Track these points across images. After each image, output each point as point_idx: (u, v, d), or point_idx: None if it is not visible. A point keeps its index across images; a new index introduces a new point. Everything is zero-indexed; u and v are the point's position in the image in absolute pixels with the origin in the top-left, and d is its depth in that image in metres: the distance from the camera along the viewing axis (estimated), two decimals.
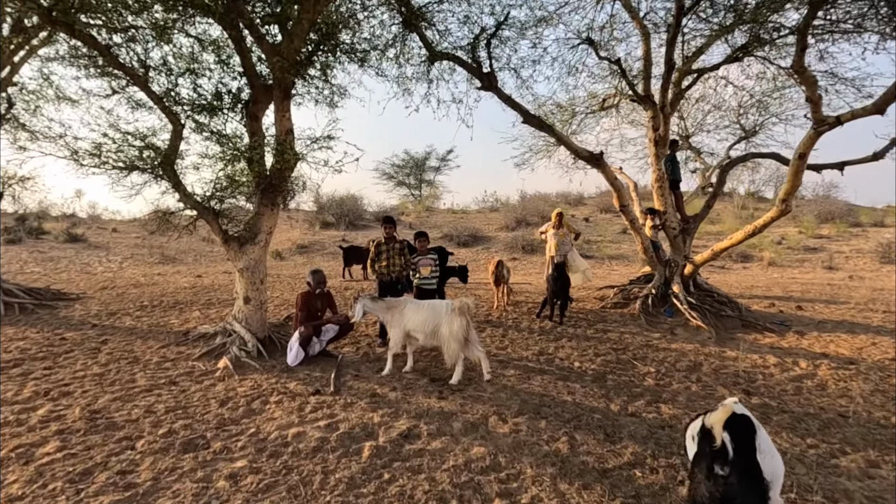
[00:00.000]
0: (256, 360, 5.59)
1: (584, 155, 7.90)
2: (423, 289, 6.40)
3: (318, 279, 5.71)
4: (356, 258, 12.28)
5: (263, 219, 6.16)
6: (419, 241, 6.45)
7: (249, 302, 6.10)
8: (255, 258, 6.10)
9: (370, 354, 6.00)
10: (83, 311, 8.22)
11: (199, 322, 7.38)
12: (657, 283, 8.55)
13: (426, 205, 26.38)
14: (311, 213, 22.93)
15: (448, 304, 5.14)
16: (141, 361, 5.52)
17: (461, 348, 5.05)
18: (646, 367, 5.75)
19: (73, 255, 16.25)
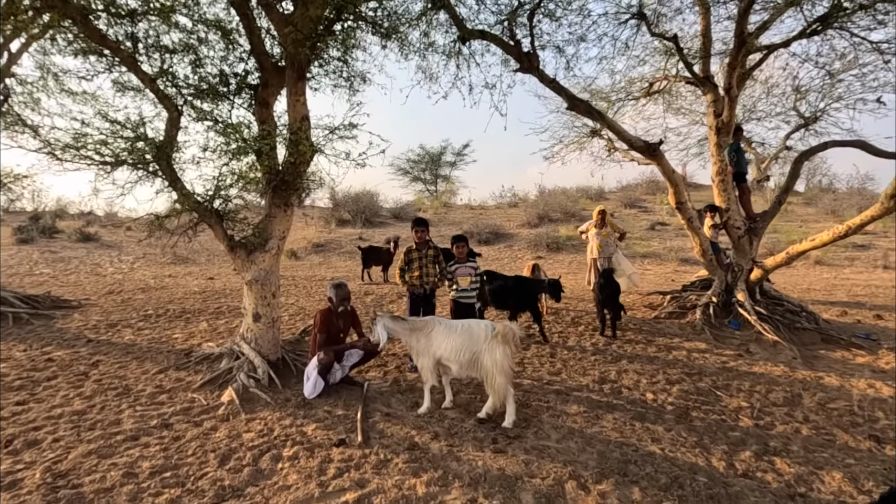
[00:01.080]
0: (267, 391, 4.62)
1: (639, 145, 6.79)
2: (462, 303, 5.37)
3: (342, 295, 4.71)
4: (376, 259, 11.30)
5: (275, 222, 5.17)
6: (457, 247, 5.42)
7: (259, 319, 5.12)
8: (265, 268, 5.12)
9: (401, 382, 5.00)
10: (81, 321, 7.34)
11: (205, 337, 6.43)
12: (717, 290, 7.43)
13: (443, 201, 25.34)
14: (326, 209, 22.02)
15: (488, 325, 4.09)
16: (132, 392, 4.58)
17: (510, 382, 4.02)
18: (733, 398, 4.67)
19: (85, 255, 15.51)
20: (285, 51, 4.88)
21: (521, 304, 6.51)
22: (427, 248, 5.34)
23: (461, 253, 5.40)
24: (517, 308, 6.55)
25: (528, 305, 6.50)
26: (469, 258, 5.47)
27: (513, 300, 6.49)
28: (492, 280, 6.57)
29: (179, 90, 4.82)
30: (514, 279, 6.70)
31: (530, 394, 4.65)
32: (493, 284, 6.53)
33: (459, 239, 5.45)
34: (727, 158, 7.30)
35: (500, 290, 6.51)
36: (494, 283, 6.55)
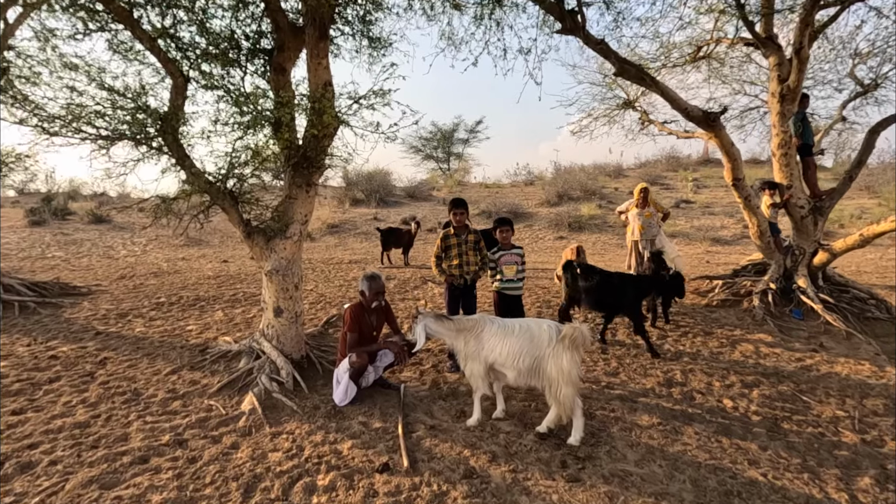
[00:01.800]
0: (293, 396, 4.04)
1: (696, 114, 5.99)
2: (507, 296, 4.71)
3: (376, 289, 4.06)
4: (396, 241, 10.65)
5: (297, 204, 4.52)
6: (501, 231, 4.73)
7: (281, 314, 4.51)
8: (287, 257, 4.49)
9: (441, 384, 4.39)
10: (91, 311, 6.81)
11: (221, 329, 5.86)
12: (775, 276, 6.70)
13: (457, 179, 24.52)
14: (339, 189, 21.34)
15: (552, 326, 3.43)
16: (142, 399, 4.02)
17: (578, 392, 3.38)
18: (823, 405, 4.02)
19: (97, 237, 15.05)
20: (305, 4, 4.14)
21: (623, 306, 5.31)
22: (467, 233, 4.67)
23: (505, 238, 4.72)
24: (616, 310, 5.43)
25: (630, 307, 5.25)
26: (515, 245, 4.79)
27: (614, 300, 5.31)
28: (589, 275, 5.39)
29: (185, 53, 4.12)
30: (618, 276, 5.55)
31: (590, 400, 4.03)
32: (590, 280, 5.36)
33: (503, 222, 4.76)
34: (792, 129, 6.48)
35: (601, 287, 5.31)
36: (592, 279, 5.36)
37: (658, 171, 23.72)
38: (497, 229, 4.76)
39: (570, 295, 5.51)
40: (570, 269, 5.51)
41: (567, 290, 5.49)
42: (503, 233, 4.72)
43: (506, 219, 4.79)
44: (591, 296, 5.35)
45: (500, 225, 4.74)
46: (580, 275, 5.39)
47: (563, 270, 5.60)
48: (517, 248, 4.76)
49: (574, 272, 5.44)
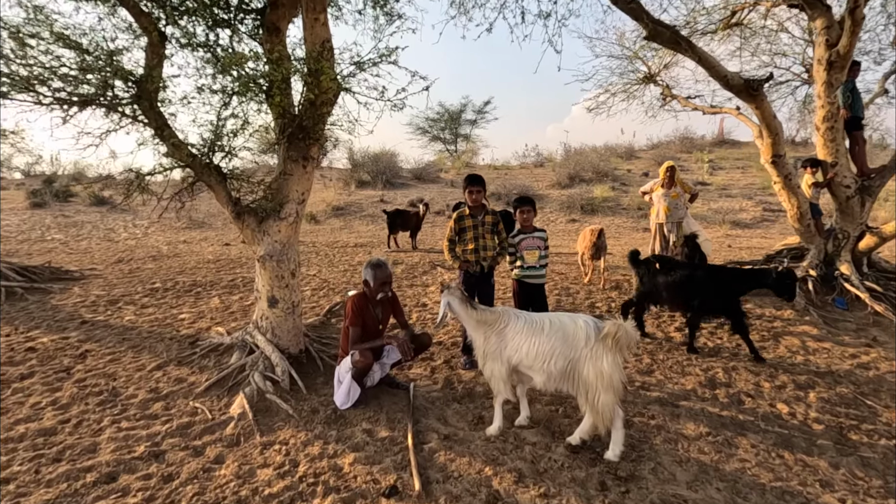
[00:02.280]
0: (288, 397, 3.55)
1: (737, 83, 5.34)
2: (529, 284, 4.17)
3: (382, 278, 3.53)
4: (403, 223, 10.11)
5: (292, 181, 3.97)
6: (521, 211, 4.17)
7: (276, 304, 4.01)
8: (281, 240, 3.96)
9: (454, 383, 3.89)
10: (80, 297, 6.36)
11: (215, 319, 5.38)
12: (815, 262, 6.11)
13: (465, 161, 23.81)
14: (345, 171, 20.75)
15: (590, 323, 2.88)
16: (120, 399, 3.55)
17: (618, 400, 2.86)
18: (892, 410, 3.48)
19: (98, 219, 14.62)
20: None
21: (715, 305, 4.43)
22: (484, 214, 4.12)
23: (527, 220, 4.17)
24: (705, 311, 4.51)
25: (726, 307, 4.38)
26: (537, 228, 4.24)
27: (702, 299, 4.42)
28: (667, 269, 4.64)
29: (161, 4, 3.53)
30: (705, 269, 4.74)
31: (625, 403, 3.51)
32: (669, 275, 4.56)
33: (524, 201, 4.20)
34: (840, 100, 5.82)
35: (685, 283, 4.47)
36: (672, 274, 4.56)
37: (671, 153, 22.88)
38: (517, 210, 4.20)
39: (644, 292, 4.78)
40: (644, 265, 4.83)
41: (640, 287, 4.83)
42: (524, 213, 4.16)
43: (527, 198, 4.22)
44: (673, 294, 4.55)
45: (521, 205, 4.18)
46: (658, 269, 4.68)
47: (634, 264, 4.91)
48: (540, 231, 4.21)
49: (650, 267, 4.76)
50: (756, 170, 19.17)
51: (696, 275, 4.55)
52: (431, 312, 5.65)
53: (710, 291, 4.41)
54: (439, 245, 10.81)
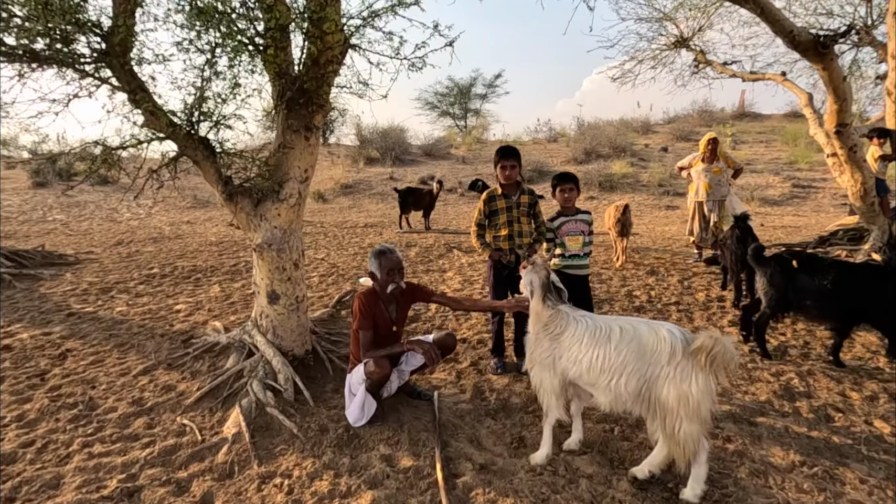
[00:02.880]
0: (293, 411, 2.99)
1: (804, 38, 4.57)
2: (570, 276, 3.53)
3: (388, 265, 2.89)
4: (415, 202, 9.45)
5: (293, 155, 3.33)
6: (562, 190, 3.51)
7: (278, 301, 3.41)
8: (282, 226, 3.34)
9: (485, 392, 3.30)
10: (72, 284, 5.83)
11: (213, 311, 4.82)
12: (878, 245, 5.41)
13: (475, 136, 22.91)
14: (352, 147, 20.00)
15: (674, 332, 2.19)
16: (97, 414, 3.00)
17: (706, 431, 2.24)
18: None
19: (102, 199, 14.09)
20: None
21: (872, 315, 3.46)
22: (519, 193, 3.46)
23: (569, 200, 3.51)
24: (856, 320, 3.53)
25: (886, 318, 3.41)
26: (581, 210, 3.58)
27: (856, 308, 3.44)
28: (812, 268, 3.56)
29: None
30: (864, 268, 3.68)
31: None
32: (818, 277, 3.50)
33: (565, 178, 3.52)
34: None
35: (837, 289, 3.41)
36: (822, 275, 3.48)
37: (690, 127, 21.80)
38: (557, 188, 3.53)
39: (778, 299, 3.63)
40: (776, 263, 3.68)
41: (774, 293, 3.65)
42: (565, 192, 3.49)
43: (569, 174, 3.55)
44: (826, 300, 3.47)
45: (562, 182, 3.51)
46: (795, 269, 3.61)
47: (760, 263, 3.76)
48: (584, 214, 3.56)
49: (784, 266, 3.65)
50: (781, 143, 18.16)
51: (858, 275, 3.48)
52: None
53: (870, 298, 3.37)
54: (453, 225, 10.16)
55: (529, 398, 3.15)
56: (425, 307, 4.82)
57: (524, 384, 3.33)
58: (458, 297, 3.17)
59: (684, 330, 2.20)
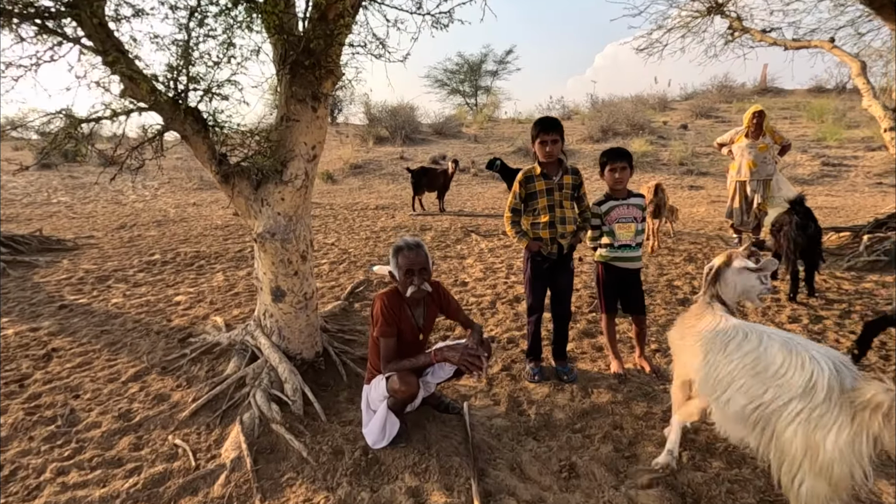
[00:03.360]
0: (302, 429, 2.55)
1: None
2: (620, 270, 3.02)
3: (408, 264, 2.35)
4: (429, 183, 8.91)
5: (299, 129, 2.81)
6: (612, 170, 2.97)
7: (283, 298, 2.95)
8: (286, 212, 2.85)
9: (522, 404, 2.84)
10: (67, 272, 5.43)
11: (215, 304, 4.39)
12: None
13: (487, 114, 22.11)
14: (361, 126, 19.37)
15: (826, 364, 1.61)
16: (76, 431, 2.58)
17: (842, 495, 1.72)
18: None
19: (107, 180, 13.66)
20: None
21: None
22: (561, 173, 2.93)
23: (619, 181, 2.97)
24: None
25: None
26: (633, 192, 3.05)
27: None
28: None
29: None
30: None
31: None
32: None
33: (617, 155, 2.97)
34: None
35: None
36: None
37: (709, 103, 20.86)
38: (606, 167, 3.00)
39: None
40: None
41: None
42: (616, 172, 2.96)
43: (621, 150, 2.99)
44: None
45: (613, 160, 2.97)
46: None
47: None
48: (636, 197, 3.03)
49: None
50: (806, 120, 17.27)
51: None
52: (474, 294, 4.57)
53: None
54: (469, 207, 9.63)
55: (576, 413, 2.68)
56: None
57: (567, 395, 2.86)
58: (464, 318, 2.66)
59: (846, 361, 1.67)
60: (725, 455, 2.31)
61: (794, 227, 4.14)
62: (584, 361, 3.28)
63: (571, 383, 2.97)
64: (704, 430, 2.47)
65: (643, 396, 2.82)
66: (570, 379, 2.99)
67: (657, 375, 3.04)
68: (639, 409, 2.71)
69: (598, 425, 2.57)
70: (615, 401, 2.78)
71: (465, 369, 2.33)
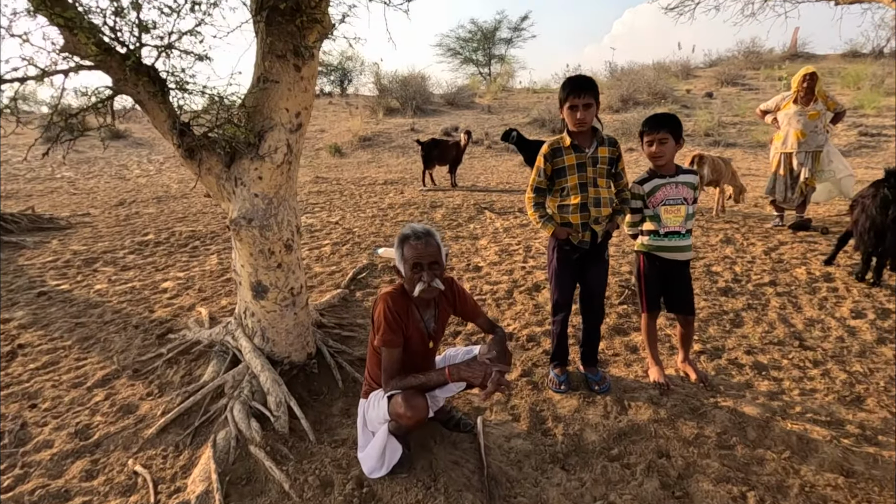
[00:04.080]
0: (286, 456, 2.13)
1: None
2: (666, 262, 2.50)
3: (416, 255, 1.88)
4: (441, 156, 8.33)
5: (278, 92, 2.29)
6: (653, 141, 2.39)
7: (265, 295, 2.49)
8: (265, 192, 2.36)
9: (546, 420, 2.38)
10: (55, 254, 5.06)
11: (204, 292, 3.97)
12: None
13: (501, 84, 21.14)
14: (371, 98, 18.64)
15: None
16: (26, 451, 2.19)
17: None
18: None
19: (112, 155, 13.33)
20: None
21: None
22: (596, 145, 2.39)
23: (661, 154, 2.40)
24: None
25: None
26: (683, 168, 2.49)
27: None
28: None
29: None
30: None
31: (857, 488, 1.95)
32: None
33: (659, 122, 2.38)
34: None
35: None
36: None
37: (735, 70, 19.62)
38: (645, 137, 2.43)
39: None
40: None
41: None
42: (655, 144, 2.40)
43: (665, 117, 2.40)
44: None
45: (654, 129, 2.39)
46: None
47: None
48: (687, 174, 2.47)
49: None
50: (841, 86, 16.09)
51: None
52: (489, 281, 4.09)
53: None
54: (482, 181, 9.05)
55: (611, 434, 2.21)
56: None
57: (600, 409, 2.40)
58: (485, 322, 2.19)
59: None
60: None
61: (877, 206, 3.54)
62: (616, 366, 2.81)
63: (604, 394, 2.51)
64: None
65: (691, 413, 2.35)
66: (603, 389, 2.52)
67: (705, 385, 2.56)
68: (687, 429, 2.23)
69: (640, 451, 2.11)
70: (657, 418, 2.31)
71: (498, 388, 1.86)
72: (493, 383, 1.82)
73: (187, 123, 2.25)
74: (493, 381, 1.82)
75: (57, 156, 13.02)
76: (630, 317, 3.37)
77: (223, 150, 2.27)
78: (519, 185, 8.55)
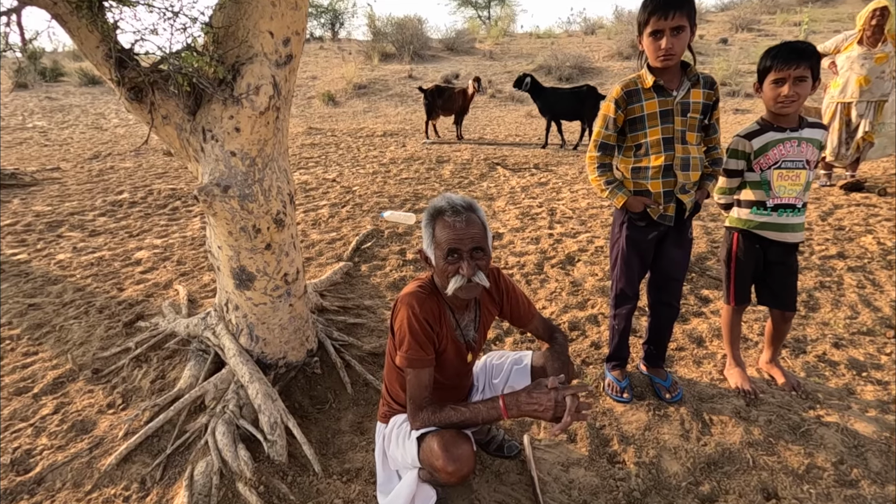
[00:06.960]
0: (283, 493, 1.62)
1: None
2: (772, 243, 1.93)
3: (453, 238, 1.30)
4: (445, 105, 7.53)
5: (257, 8, 1.60)
6: (778, 80, 1.76)
7: (251, 284, 1.91)
8: (245, 149, 1.72)
9: (611, 440, 1.88)
10: (14, 216, 4.41)
11: (184, 265, 3.37)
12: None
13: (502, 28, 19.69)
14: (365, 42, 17.30)
15: None
16: None
17: None
18: None
19: (89, 103, 12.28)
20: None
21: None
22: (688, 86, 1.75)
23: (791, 101, 1.77)
24: None
25: None
26: (808, 121, 1.87)
27: None
28: None
29: None
30: None
31: None
32: None
33: (794, 54, 1.72)
34: None
35: None
36: None
37: (749, 15, 18.32)
38: (770, 73, 1.79)
39: None
40: None
41: None
42: (783, 83, 1.76)
43: (799, 46, 1.74)
44: None
45: (785, 62, 1.72)
46: None
47: None
48: (816, 128, 1.85)
49: None
50: None
51: None
52: (513, 252, 3.51)
53: None
54: (489, 133, 8.28)
55: (696, 463, 1.72)
56: None
57: (676, 426, 1.90)
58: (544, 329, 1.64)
59: None
60: None
61: None
62: (683, 364, 2.30)
63: (677, 404, 2.01)
64: None
65: (791, 433, 1.85)
66: (676, 398, 2.02)
67: (797, 392, 2.06)
68: (793, 457, 1.75)
69: (738, 489, 1.62)
70: (752, 441, 1.82)
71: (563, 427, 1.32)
72: (571, 414, 1.28)
73: (129, 50, 1.57)
74: (569, 411, 1.28)
75: (29, 103, 11.98)
76: (686, 297, 2.84)
77: (182, 89, 1.60)
78: (529, 138, 7.81)
